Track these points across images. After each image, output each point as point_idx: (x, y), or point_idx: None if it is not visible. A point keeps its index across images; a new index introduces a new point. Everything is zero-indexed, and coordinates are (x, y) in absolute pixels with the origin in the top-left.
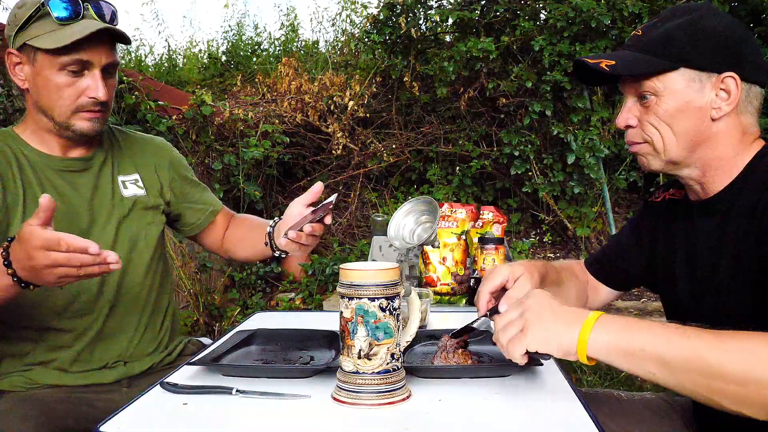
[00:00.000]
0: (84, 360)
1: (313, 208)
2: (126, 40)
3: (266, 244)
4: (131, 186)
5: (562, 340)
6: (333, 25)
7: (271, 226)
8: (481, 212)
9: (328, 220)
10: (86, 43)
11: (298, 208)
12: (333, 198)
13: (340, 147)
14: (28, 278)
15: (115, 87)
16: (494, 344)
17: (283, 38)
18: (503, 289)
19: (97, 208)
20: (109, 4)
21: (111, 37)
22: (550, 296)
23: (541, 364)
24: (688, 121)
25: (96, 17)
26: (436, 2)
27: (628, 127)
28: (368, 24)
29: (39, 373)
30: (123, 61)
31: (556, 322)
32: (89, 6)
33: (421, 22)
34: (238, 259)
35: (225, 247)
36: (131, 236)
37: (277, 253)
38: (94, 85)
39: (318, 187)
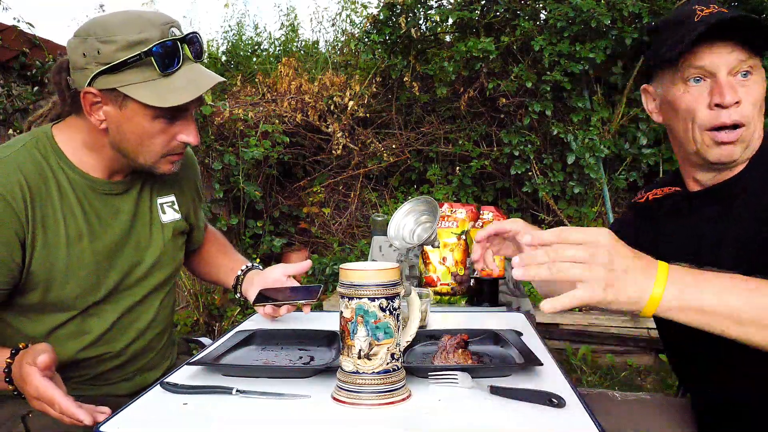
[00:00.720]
0: (104, 378)
1: (295, 285)
2: (222, 83)
3: (233, 287)
4: (169, 210)
5: (633, 291)
6: (333, 25)
7: (242, 270)
8: (481, 212)
9: (306, 310)
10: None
11: (278, 274)
12: (319, 292)
13: (340, 147)
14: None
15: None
16: (494, 344)
17: (283, 38)
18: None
19: (138, 236)
20: (196, 33)
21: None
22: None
23: (541, 364)
24: (764, 108)
25: (189, 55)
26: (436, 2)
27: (724, 106)
28: (368, 24)
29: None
30: None
31: (634, 268)
32: (185, 46)
33: (421, 22)
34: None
35: (190, 259)
36: (168, 263)
37: (237, 296)
38: (187, 131)
39: (306, 265)
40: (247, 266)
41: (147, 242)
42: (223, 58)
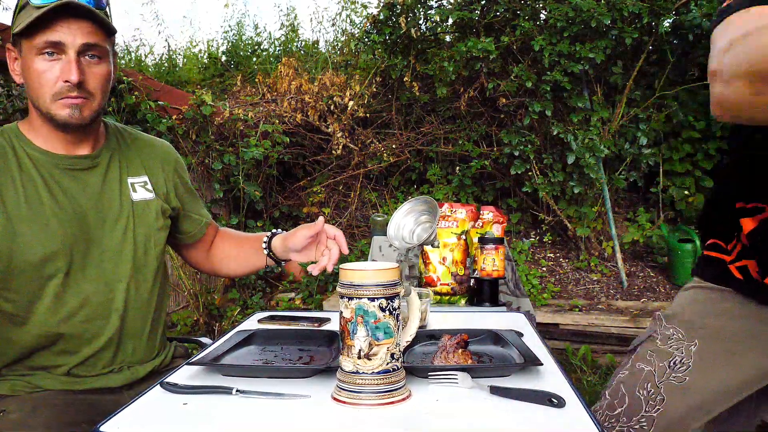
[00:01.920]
0: (91, 365)
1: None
2: (103, 20)
3: (268, 255)
4: (140, 189)
5: None
6: (333, 25)
7: (268, 237)
8: (481, 212)
9: (344, 250)
10: (58, 23)
11: (302, 237)
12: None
13: (340, 147)
14: None
15: (104, 75)
16: (494, 344)
17: (283, 38)
18: None
19: (105, 209)
20: None
21: (90, 18)
22: None
23: (541, 364)
24: None
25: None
26: (436, 2)
27: None
28: (368, 24)
29: (42, 377)
30: (123, 61)
31: None
32: None
33: (421, 22)
34: (223, 275)
35: (211, 261)
36: (141, 241)
37: (276, 265)
38: (66, 68)
39: (320, 222)
40: (266, 241)
41: (116, 216)
42: (223, 58)
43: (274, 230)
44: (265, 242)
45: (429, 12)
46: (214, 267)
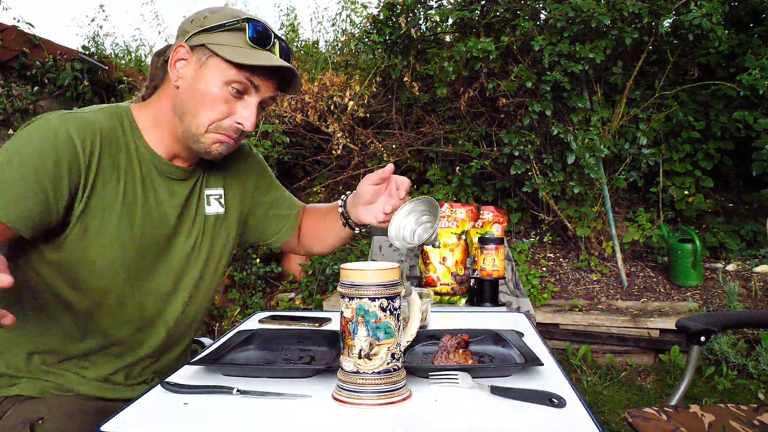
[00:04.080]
0: (128, 373)
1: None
2: (294, 90)
3: (344, 225)
4: (214, 202)
5: None
6: (333, 25)
7: (341, 206)
8: (481, 212)
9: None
10: (264, 73)
11: (368, 186)
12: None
13: (340, 147)
14: None
15: (259, 123)
16: (495, 344)
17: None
18: None
19: (184, 220)
20: (287, 43)
21: (282, 79)
22: None
23: (542, 364)
24: None
25: (278, 55)
26: (436, 2)
27: None
28: (368, 24)
29: (75, 381)
30: (123, 61)
31: None
32: (277, 42)
33: (421, 22)
34: (317, 253)
35: (302, 244)
36: (204, 257)
37: (357, 230)
38: (247, 113)
39: (389, 168)
40: (341, 206)
41: (189, 230)
42: None
43: (344, 197)
44: (341, 206)
45: (429, 12)
46: (306, 248)
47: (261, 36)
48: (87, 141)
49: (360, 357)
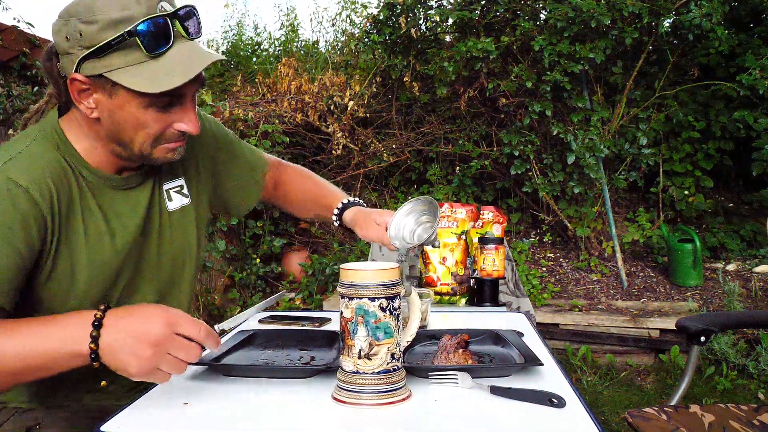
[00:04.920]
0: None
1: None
2: (220, 60)
3: (336, 222)
4: (176, 195)
5: None
6: (333, 25)
7: (338, 210)
8: (481, 212)
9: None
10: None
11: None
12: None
13: (340, 147)
14: (107, 351)
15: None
16: (495, 344)
17: (283, 38)
18: None
19: (147, 227)
20: (191, 7)
21: None
22: None
23: (542, 364)
24: None
25: (183, 33)
26: (436, 2)
27: None
28: (368, 24)
29: (82, 395)
30: None
31: None
32: (176, 22)
33: (421, 22)
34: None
35: (278, 202)
36: (178, 255)
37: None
38: (186, 119)
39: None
40: (338, 209)
41: (155, 232)
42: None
43: (348, 200)
44: (336, 215)
45: (429, 12)
46: (281, 207)
47: (157, 38)
48: (44, 190)
49: (360, 357)
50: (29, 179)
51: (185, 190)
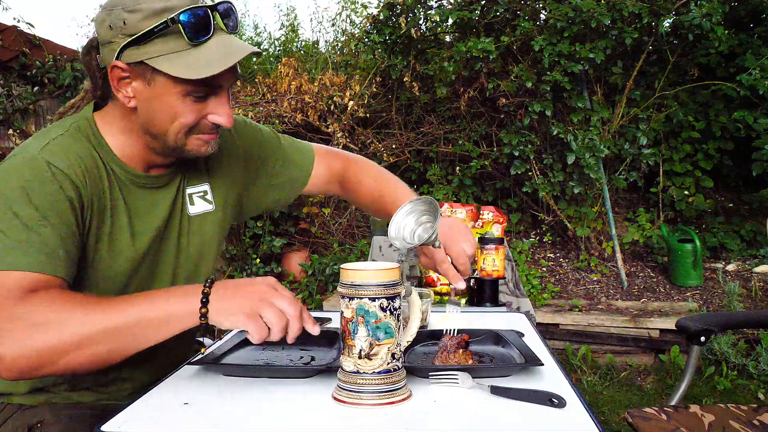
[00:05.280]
0: (138, 390)
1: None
2: (257, 54)
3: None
4: (198, 201)
5: None
6: (333, 25)
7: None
8: (481, 212)
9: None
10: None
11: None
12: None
13: (340, 147)
14: (215, 297)
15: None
16: (495, 344)
17: (283, 38)
18: None
19: (168, 228)
20: (230, 3)
21: None
22: None
23: (542, 364)
24: None
25: (222, 26)
26: (436, 2)
27: None
28: (368, 24)
29: (86, 395)
30: None
31: None
32: (216, 15)
33: (421, 22)
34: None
35: (347, 200)
36: (193, 256)
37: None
38: (221, 112)
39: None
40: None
41: (177, 237)
42: None
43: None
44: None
45: (429, 12)
46: (348, 199)
47: (198, 28)
48: (81, 177)
49: (360, 357)
50: (67, 165)
51: (209, 196)
